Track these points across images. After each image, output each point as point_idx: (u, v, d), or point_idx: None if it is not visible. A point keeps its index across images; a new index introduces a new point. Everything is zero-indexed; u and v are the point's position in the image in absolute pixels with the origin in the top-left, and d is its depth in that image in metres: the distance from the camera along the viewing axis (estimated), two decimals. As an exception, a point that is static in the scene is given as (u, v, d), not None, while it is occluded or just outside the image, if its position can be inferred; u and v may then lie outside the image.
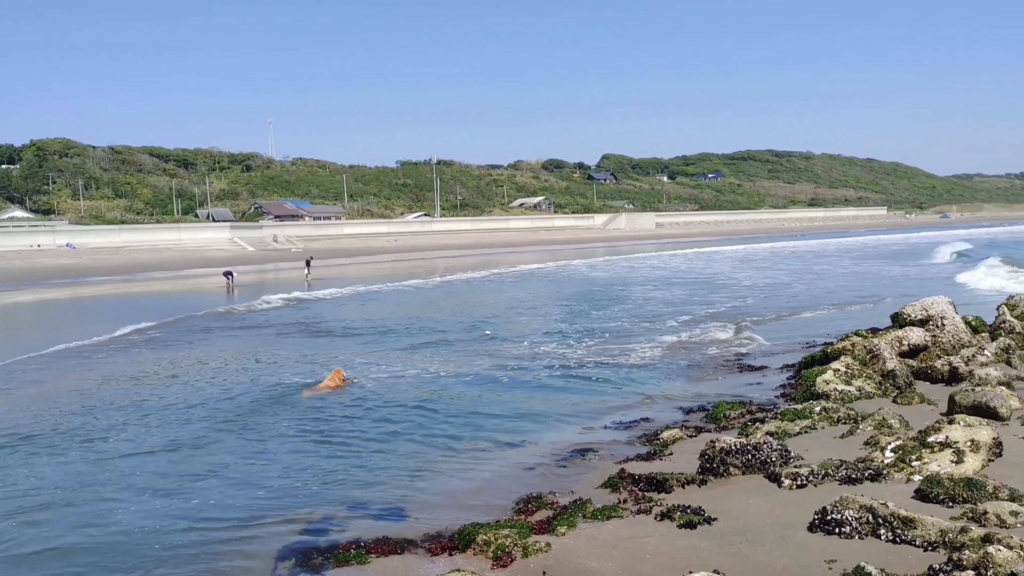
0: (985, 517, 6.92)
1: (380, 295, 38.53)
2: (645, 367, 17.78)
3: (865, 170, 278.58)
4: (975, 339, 15.30)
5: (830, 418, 11.05)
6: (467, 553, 7.59)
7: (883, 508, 6.92)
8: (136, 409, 14.90)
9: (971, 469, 8.19)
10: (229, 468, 11.21)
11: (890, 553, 6.55)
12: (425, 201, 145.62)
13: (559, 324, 25.61)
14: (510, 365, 18.32)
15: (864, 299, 30.35)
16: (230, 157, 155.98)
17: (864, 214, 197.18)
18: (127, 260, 70.57)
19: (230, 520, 9.15)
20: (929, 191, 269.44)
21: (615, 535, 7.58)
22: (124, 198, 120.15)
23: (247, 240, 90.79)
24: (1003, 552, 5.72)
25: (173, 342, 23.66)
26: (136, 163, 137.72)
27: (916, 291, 28.45)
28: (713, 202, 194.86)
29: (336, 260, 70.57)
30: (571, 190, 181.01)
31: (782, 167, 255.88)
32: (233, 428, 13.39)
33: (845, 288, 35.64)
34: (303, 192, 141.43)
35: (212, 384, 17.14)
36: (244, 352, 21.38)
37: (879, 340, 14.54)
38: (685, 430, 11.56)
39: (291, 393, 15.96)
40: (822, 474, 8.44)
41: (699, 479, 8.95)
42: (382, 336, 23.82)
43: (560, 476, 10.18)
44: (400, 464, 11.15)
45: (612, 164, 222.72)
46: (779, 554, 6.81)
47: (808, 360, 15.63)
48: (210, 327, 27.03)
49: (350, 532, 8.55)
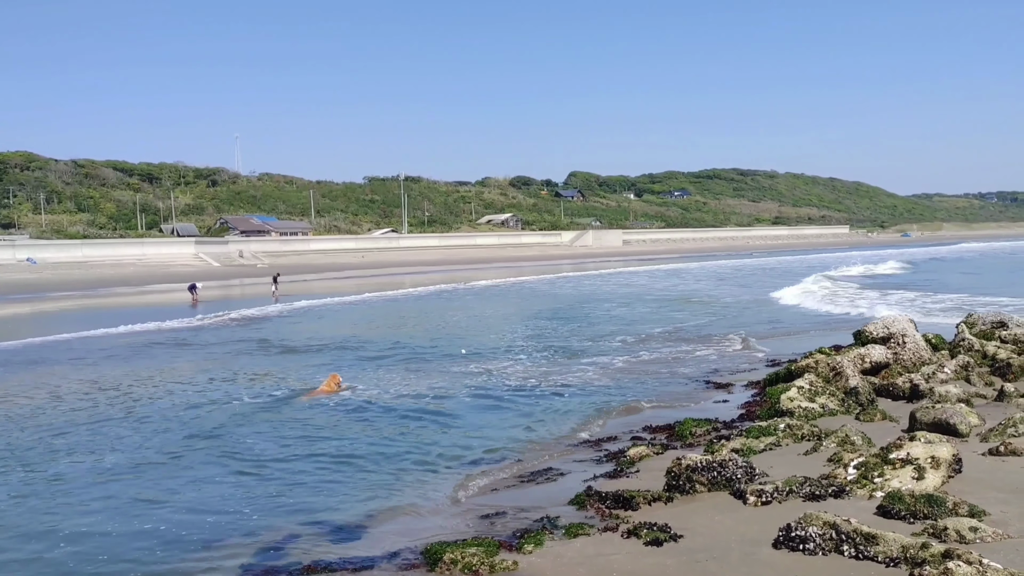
0: (945, 533, 7.02)
1: (340, 310, 38.33)
2: (611, 384, 17.83)
3: (828, 189, 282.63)
4: (935, 357, 15.54)
5: (794, 435, 11.15)
6: (435, 572, 7.55)
7: (846, 524, 7.00)
8: (89, 427, 14.67)
9: (932, 485, 8.31)
10: (181, 492, 11.03)
11: (853, 569, 6.63)
12: (393, 217, 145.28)
13: (523, 341, 25.62)
14: (472, 383, 18.27)
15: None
16: (196, 172, 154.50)
17: (827, 232, 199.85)
18: (89, 275, 69.52)
19: (189, 543, 9.03)
20: (890, 210, 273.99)
21: (582, 553, 7.59)
22: (87, 212, 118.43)
23: (212, 255, 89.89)
24: (963, 568, 5.81)
25: (129, 357, 23.35)
26: (99, 177, 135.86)
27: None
28: (679, 220, 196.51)
29: (303, 276, 70.02)
30: (538, 207, 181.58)
31: (747, 185, 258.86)
32: (173, 454, 13.21)
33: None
34: (270, 207, 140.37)
35: (171, 400, 16.93)
36: (200, 368, 21.15)
37: (842, 358, 14.74)
38: (652, 447, 11.60)
39: (250, 412, 15.78)
40: (786, 491, 8.51)
41: (665, 496, 8.99)
42: (346, 351, 23.68)
43: (527, 493, 10.17)
44: (362, 482, 11.07)
45: (579, 181, 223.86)
46: (744, 571, 6.86)
47: (773, 377, 15.79)
48: (161, 342, 26.71)
49: (314, 554, 8.46)
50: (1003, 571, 5.87)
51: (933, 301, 34.43)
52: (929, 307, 31.76)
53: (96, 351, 25.12)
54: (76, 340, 27.93)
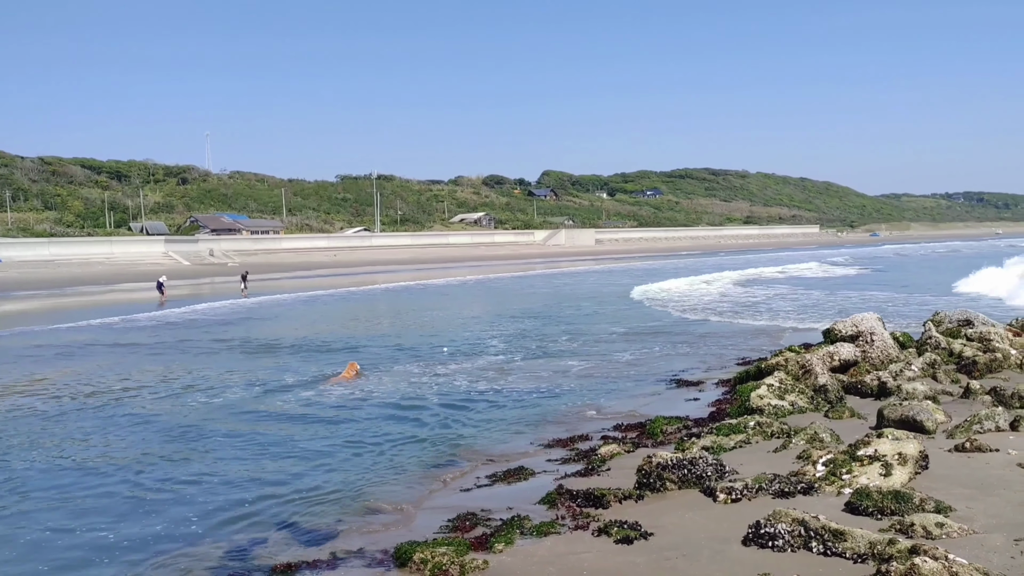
0: (912, 529, 7.08)
1: (306, 307, 38.11)
2: (584, 383, 17.83)
3: (798, 189, 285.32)
4: (903, 354, 15.70)
5: (764, 432, 11.21)
6: (404, 571, 7.49)
7: (814, 521, 7.03)
8: (51, 423, 14.46)
9: (899, 482, 8.38)
10: (154, 490, 10.92)
11: (821, 566, 6.66)
12: (365, 216, 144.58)
13: (493, 341, 25.56)
14: (441, 383, 18.19)
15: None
16: (165, 169, 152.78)
17: (798, 231, 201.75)
18: (56, 274, 68.55)
19: (146, 542, 8.91)
20: (860, 210, 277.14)
21: (552, 551, 7.57)
22: (54, 210, 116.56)
23: (182, 254, 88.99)
24: (929, 563, 5.86)
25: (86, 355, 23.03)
26: (67, 175, 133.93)
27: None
28: (652, 219, 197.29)
29: (274, 275, 69.54)
30: (511, 206, 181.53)
31: (718, 185, 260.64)
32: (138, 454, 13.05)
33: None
34: (241, 206, 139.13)
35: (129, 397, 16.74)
36: (166, 368, 20.93)
37: (811, 355, 14.85)
38: (623, 445, 11.61)
39: (216, 410, 15.64)
40: (756, 488, 8.55)
41: (636, 494, 8.99)
42: (320, 351, 23.54)
43: (497, 492, 10.14)
44: (334, 481, 10.98)
45: (552, 180, 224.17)
46: (714, 568, 6.87)
47: (743, 375, 15.87)
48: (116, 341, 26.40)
49: (280, 555, 8.38)
50: (968, 566, 5.92)
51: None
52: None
53: (33, 350, 24.74)
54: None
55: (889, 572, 5.94)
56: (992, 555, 6.55)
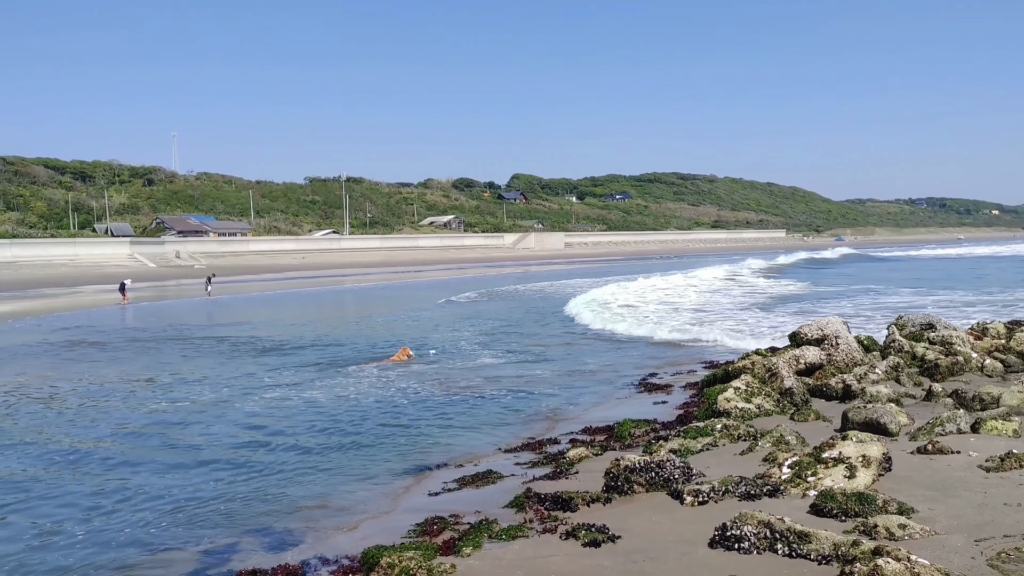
0: (875, 530, 7.15)
1: (278, 306, 37.82)
2: (553, 386, 17.85)
3: (765, 194, 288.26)
4: (867, 358, 15.88)
5: (731, 435, 11.28)
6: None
7: (780, 523, 7.08)
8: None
9: (863, 484, 8.47)
10: (112, 496, 10.78)
11: (786, 567, 6.71)
12: (334, 218, 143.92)
13: (463, 343, 25.55)
14: (406, 386, 18.14)
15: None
16: (131, 170, 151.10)
17: (764, 236, 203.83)
18: (17, 276, 67.47)
19: (109, 546, 8.78)
20: (825, 215, 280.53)
21: (520, 555, 7.56)
22: (16, 211, 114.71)
23: (148, 256, 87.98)
24: (892, 564, 5.92)
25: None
26: (29, 175, 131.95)
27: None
28: (621, 223, 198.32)
29: (241, 277, 68.94)
30: (481, 209, 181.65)
31: (687, 189, 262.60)
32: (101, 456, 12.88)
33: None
34: (208, 208, 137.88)
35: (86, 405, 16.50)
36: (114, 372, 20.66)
37: (778, 359, 14.97)
38: (591, 448, 11.63)
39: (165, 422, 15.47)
40: (722, 491, 8.59)
41: (604, 497, 9.00)
42: (296, 352, 23.36)
43: (466, 496, 10.11)
44: (298, 486, 10.90)
45: (522, 184, 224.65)
46: (681, 571, 6.90)
47: (711, 378, 15.97)
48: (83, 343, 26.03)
49: (245, 559, 8.29)
50: (930, 567, 5.99)
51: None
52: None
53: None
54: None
55: (853, 573, 5.99)
56: (953, 556, 6.63)
